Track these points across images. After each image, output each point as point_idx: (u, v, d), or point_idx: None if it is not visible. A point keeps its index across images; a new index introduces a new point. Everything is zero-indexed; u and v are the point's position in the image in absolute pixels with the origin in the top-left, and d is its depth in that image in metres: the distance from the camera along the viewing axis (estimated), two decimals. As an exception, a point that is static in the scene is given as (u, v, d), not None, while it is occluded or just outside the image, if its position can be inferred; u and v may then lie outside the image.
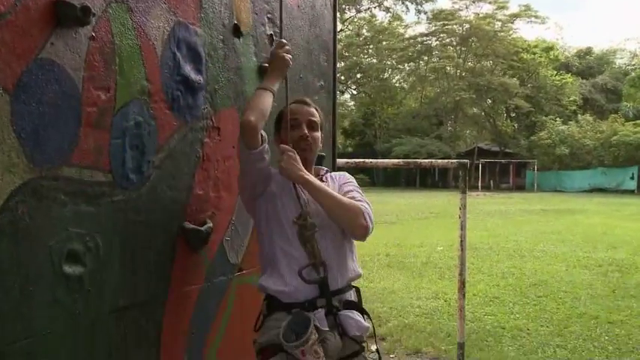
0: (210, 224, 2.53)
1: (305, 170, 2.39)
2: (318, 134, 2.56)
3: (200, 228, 2.46)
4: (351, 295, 2.47)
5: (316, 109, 2.59)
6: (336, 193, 2.41)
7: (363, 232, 2.36)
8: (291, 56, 2.53)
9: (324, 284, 2.35)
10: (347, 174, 2.65)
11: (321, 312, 2.33)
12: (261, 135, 2.35)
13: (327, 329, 2.31)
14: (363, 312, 2.47)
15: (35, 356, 1.69)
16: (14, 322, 1.62)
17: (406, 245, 12.98)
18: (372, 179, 50.50)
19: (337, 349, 2.34)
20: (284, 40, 2.55)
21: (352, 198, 2.43)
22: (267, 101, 2.40)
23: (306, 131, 2.49)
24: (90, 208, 1.90)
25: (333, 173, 2.67)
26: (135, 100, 2.10)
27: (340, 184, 2.55)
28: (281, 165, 2.36)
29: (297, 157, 2.38)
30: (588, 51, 58.13)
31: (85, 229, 1.87)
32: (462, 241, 5.48)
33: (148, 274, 2.20)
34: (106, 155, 1.97)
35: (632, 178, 39.24)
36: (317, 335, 2.25)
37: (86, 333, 1.89)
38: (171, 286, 2.33)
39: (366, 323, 2.44)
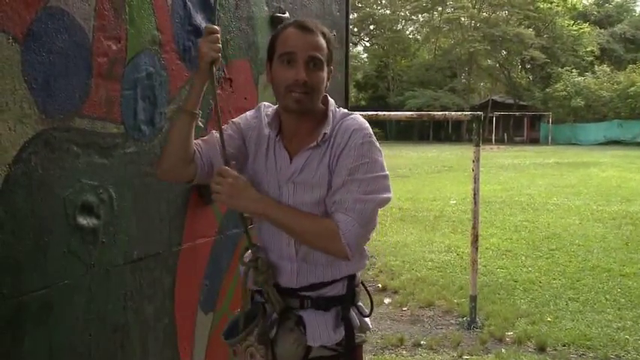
0: (224, 176, 2.51)
1: (255, 194, 1.80)
2: (323, 74, 1.82)
3: (213, 180, 2.44)
4: (335, 290, 1.88)
5: (323, 36, 1.83)
6: (300, 214, 1.80)
7: (343, 257, 1.78)
8: (218, 49, 1.83)
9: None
10: (363, 140, 1.80)
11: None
12: (195, 153, 1.85)
13: (275, 332, 1.85)
14: (345, 307, 1.88)
15: (52, 306, 1.70)
16: (30, 272, 1.63)
17: (419, 199, 13.00)
18: (385, 133, 50.25)
19: (290, 355, 1.86)
20: (213, 26, 1.86)
21: (337, 203, 1.77)
22: (178, 135, 1.83)
23: (304, 74, 1.77)
24: (102, 159, 1.89)
25: (345, 125, 1.84)
26: (146, 51, 2.07)
27: (341, 161, 1.79)
28: (217, 193, 1.78)
29: (241, 180, 1.78)
30: (608, -2, 56.61)
31: (98, 181, 1.87)
32: (475, 194, 5.47)
33: (161, 226, 2.20)
34: (118, 106, 1.95)
35: (649, 130, 38.73)
36: (256, 337, 1.87)
37: (101, 284, 1.90)
38: (184, 239, 2.33)
39: (335, 333, 1.85)
